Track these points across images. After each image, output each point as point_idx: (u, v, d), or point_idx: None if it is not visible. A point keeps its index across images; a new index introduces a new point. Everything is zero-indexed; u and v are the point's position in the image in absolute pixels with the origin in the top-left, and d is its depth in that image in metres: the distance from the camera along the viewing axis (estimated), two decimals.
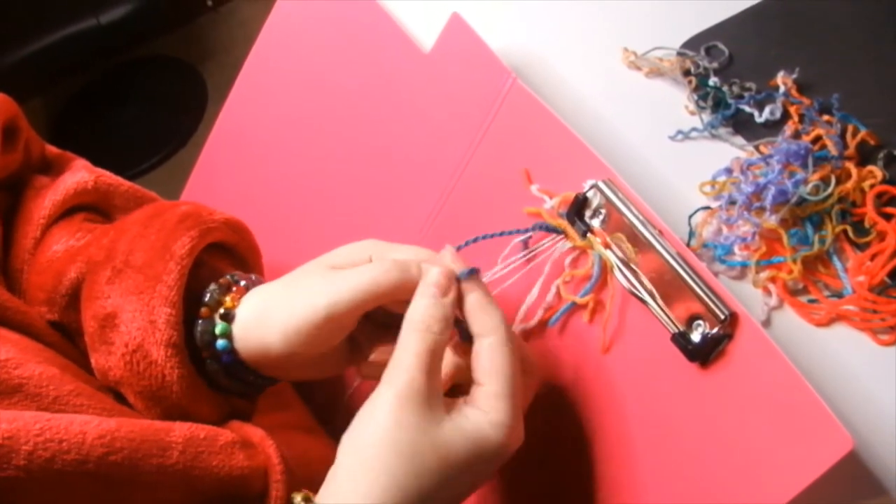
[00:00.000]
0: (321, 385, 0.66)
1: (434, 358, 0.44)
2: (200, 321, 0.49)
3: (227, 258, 0.57)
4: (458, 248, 0.50)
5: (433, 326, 0.44)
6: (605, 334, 0.50)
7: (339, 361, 0.52)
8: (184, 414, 0.48)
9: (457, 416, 0.43)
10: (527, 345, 0.52)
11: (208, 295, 0.50)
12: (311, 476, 0.49)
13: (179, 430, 0.44)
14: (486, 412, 0.43)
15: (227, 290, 0.51)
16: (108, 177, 0.58)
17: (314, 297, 0.46)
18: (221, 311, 0.50)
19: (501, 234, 0.53)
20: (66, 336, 0.52)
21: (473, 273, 0.47)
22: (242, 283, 0.52)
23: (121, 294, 0.48)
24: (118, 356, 0.48)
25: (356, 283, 0.46)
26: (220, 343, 0.49)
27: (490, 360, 0.45)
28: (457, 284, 0.46)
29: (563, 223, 0.51)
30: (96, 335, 0.49)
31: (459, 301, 0.47)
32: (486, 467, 0.44)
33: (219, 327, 0.49)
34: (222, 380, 0.50)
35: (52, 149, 0.60)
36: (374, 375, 0.47)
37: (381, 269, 0.46)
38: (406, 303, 0.46)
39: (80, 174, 0.56)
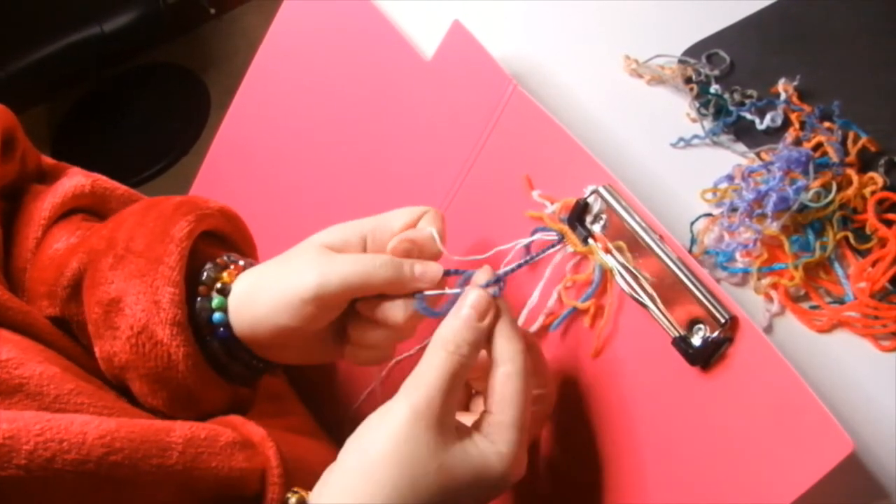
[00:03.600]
0: (328, 397, 0.66)
1: (456, 380, 0.43)
2: (199, 298, 0.51)
3: (223, 247, 0.57)
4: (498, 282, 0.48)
5: (463, 349, 0.43)
6: (597, 338, 0.50)
7: (326, 349, 0.53)
8: (190, 397, 0.49)
9: (466, 441, 0.43)
10: (548, 371, 0.50)
11: (205, 274, 0.52)
12: (311, 479, 0.49)
13: (180, 430, 0.44)
14: (493, 442, 0.43)
15: (223, 268, 0.52)
16: (103, 181, 0.59)
17: (305, 275, 0.48)
18: (218, 286, 0.51)
19: (520, 263, 0.53)
20: (67, 333, 0.52)
21: (497, 294, 0.46)
22: (241, 262, 0.54)
23: (124, 278, 0.49)
24: (123, 339, 0.48)
25: (348, 271, 0.47)
26: (216, 316, 0.50)
27: (503, 390, 0.44)
28: (494, 310, 0.45)
29: (565, 228, 0.51)
30: (101, 321, 0.49)
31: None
32: (487, 494, 0.44)
33: (215, 301, 0.50)
34: (222, 357, 0.51)
35: (47, 160, 0.61)
36: (359, 360, 0.51)
37: (375, 263, 0.48)
38: (394, 296, 0.48)
39: (77, 178, 0.58)
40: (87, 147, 2.26)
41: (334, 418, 0.65)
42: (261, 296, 0.49)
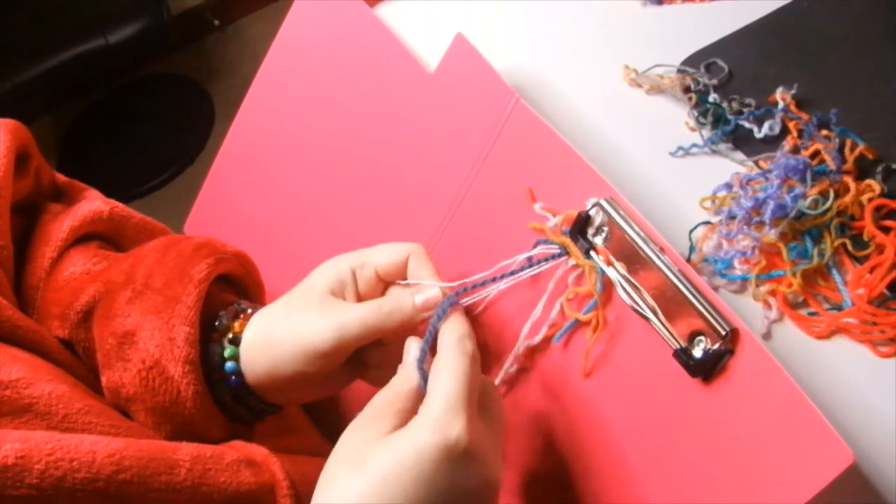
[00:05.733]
0: (328, 406, 0.67)
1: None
2: (212, 345, 0.52)
3: (232, 290, 0.58)
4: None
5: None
6: (586, 360, 0.51)
7: (339, 381, 0.54)
8: (192, 431, 0.50)
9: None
10: (497, 396, 0.49)
11: (218, 321, 0.53)
12: None
13: (186, 449, 0.45)
14: (420, 415, 0.42)
15: (235, 316, 0.53)
16: (121, 208, 0.61)
17: (321, 330, 0.49)
18: (230, 335, 0.52)
19: (504, 277, 0.54)
20: (75, 354, 0.53)
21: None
22: (249, 310, 0.54)
23: (141, 313, 0.50)
24: (134, 372, 0.49)
25: (363, 323, 0.49)
26: (228, 365, 0.51)
27: (438, 362, 0.44)
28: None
29: (567, 241, 0.52)
30: (113, 352, 0.50)
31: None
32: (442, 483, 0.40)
33: (227, 350, 0.51)
34: (228, 401, 0.52)
35: (60, 177, 0.62)
36: (381, 381, 0.51)
37: (383, 311, 0.49)
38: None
39: (97, 203, 0.59)
40: (93, 158, 2.27)
41: (335, 427, 0.66)
42: (277, 346, 0.50)
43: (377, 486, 0.39)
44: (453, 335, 0.45)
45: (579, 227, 0.51)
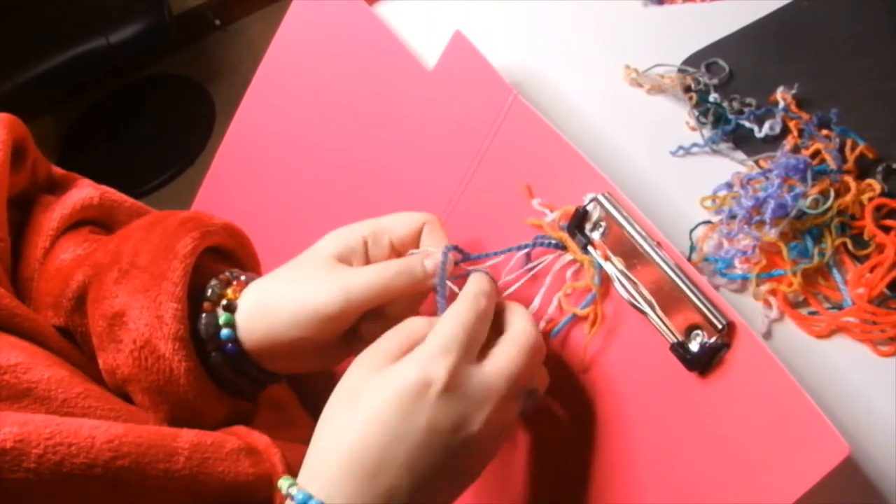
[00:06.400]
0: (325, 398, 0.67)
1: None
2: (204, 315, 0.51)
3: (226, 263, 0.58)
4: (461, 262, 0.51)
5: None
6: (585, 352, 0.51)
7: (335, 354, 0.54)
8: (191, 410, 0.50)
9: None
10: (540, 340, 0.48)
11: (210, 290, 0.52)
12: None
13: (186, 437, 0.45)
14: (413, 352, 0.43)
15: (227, 284, 0.53)
16: (112, 193, 0.60)
17: (328, 292, 0.48)
18: (224, 302, 0.52)
19: (506, 250, 0.54)
20: (72, 343, 0.53)
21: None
22: (242, 277, 0.54)
23: (128, 293, 0.50)
24: (126, 353, 0.49)
25: (370, 285, 0.48)
26: (224, 332, 0.51)
27: (448, 310, 0.45)
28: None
29: (564, 236, 0.52)
30: (105, 334, 0.50)
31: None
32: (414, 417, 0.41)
33: (222, 318, 0.51)
34: (226, 372, 0.52)
35: (57, 169, 0.62)
36: None
37: (390, 273, 0.49)
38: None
39: (87, 190, 0.58)
40: (94, 157, 2.28)
41: None
42: (279, 311, 0.50)
43: (367, 422, 0.41)
44: (470, 289, 0.46)
45: (577, 222, 0.51)
